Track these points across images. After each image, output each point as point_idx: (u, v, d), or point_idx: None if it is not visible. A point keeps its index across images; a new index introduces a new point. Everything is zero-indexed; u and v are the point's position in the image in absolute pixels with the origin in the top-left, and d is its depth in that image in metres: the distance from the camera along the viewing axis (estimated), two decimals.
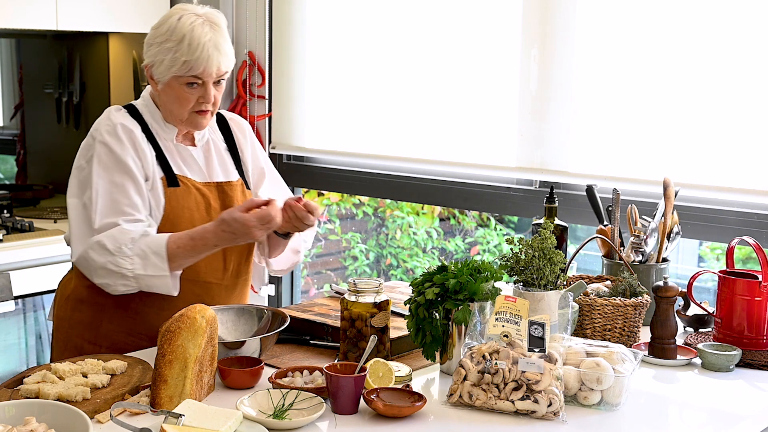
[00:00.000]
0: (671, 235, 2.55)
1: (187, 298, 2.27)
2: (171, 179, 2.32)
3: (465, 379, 1.90)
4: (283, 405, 1.84)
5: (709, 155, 3.01)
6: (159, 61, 2.26)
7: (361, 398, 1.87)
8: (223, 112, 2.51)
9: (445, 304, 2.05)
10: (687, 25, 3.02)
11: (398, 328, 2.27)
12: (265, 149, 4.17)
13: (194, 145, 2.40)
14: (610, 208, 2.63)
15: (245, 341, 2.08)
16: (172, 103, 2.30)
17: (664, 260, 2.54)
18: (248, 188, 2.46)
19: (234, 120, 2.51)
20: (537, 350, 1.90)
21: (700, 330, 2.49)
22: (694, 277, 2.40)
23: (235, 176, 2.44)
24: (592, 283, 2.50)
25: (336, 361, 1.99)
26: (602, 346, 2.00)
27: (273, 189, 2.53)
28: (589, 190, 2.72)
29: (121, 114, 2.32)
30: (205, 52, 2.22)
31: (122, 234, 2.19)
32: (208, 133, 2.43)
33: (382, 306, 2.10)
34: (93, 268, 2.21)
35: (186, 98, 2.28)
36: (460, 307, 2.03)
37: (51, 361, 2.40)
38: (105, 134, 2.27)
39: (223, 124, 2.48)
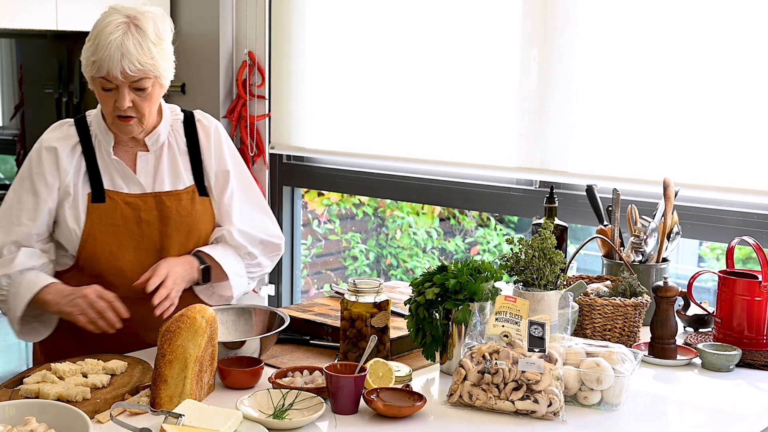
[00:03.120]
0: (671, 235, 2.55)
1: (134, 317, 2.20)
2: (97, 195, 2.26)
3: (465, 379, 1.90)
4: (283, 405, 1.84)
5: (709, 155, 3.01)
6: (81, 60, 2.21)
7: (361, 398, 1.87)
8: (197, 112, 2.43)
9: (445, 304, 2.05)
10: (687, 26, 3.02)
11: (398, 328, 2.27)
12: (264, 149, 4.17)
13: (147, 150, 2.31)
14: (610, 208, 2.63)
15: (245, 341, 2.08)
16: (100, 104, 2.26)
17: (664, 260, 2.54)
18: (204, 194, 2.35)
19: (201, 121, 2.41)
20: (537, 350, 1.90)
21: (700, 330, 2.49)
22: (694, 277, 2.40)
23: (185, 183, 2.34)
24: (592, 283, 2.50)
25: (336, 361, 1.99)
26: (602, 346, 2.00)
27: (239, 197, 2.41)
28: (589, 190, 2.72)
29: (59, 130, 2.30)
30: (107, 52, 2.13)
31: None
32: (165, 136, 2.33)
33: (382, 306, 2.10)
34: None
35: (104, 100, 2.22)
36: (460, 307, 2.03)
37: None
38: (32, 151, 2.30)
39: (189, 125, 2.39)
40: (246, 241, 2.38)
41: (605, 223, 2.67)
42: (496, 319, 1.98)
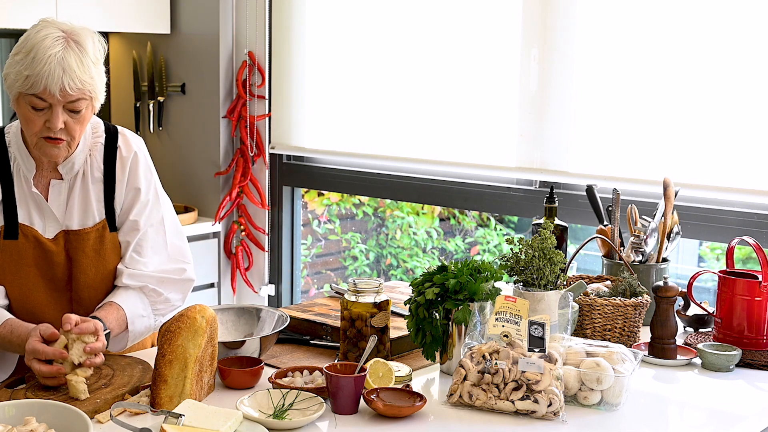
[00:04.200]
0: (671, 235, 2.55)
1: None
2: (11, 230, 2.10)
3: (465, 379, 1.90)
4: (283, 405, 1.84)
5: (709, 155, 3.01)
6: (7, 75, 2.02)
7: (361, 398, 1.87)
8: (121, 134, 2.23)
9: (445, 304, 2.05)
10: (687, 26, 3.02)
11: (398, 328, 2.27)
12: (264, 149, 4.17)
13: (61, 178, 2.15)
14: (610, 208, 2.63)
15: (245, 341, 2.08)
16: (22, 124, 2.06)
17: (664, 260, 2.54)
18: (115, 229, 2.20)
19: (121, 149, 2.21)
20: (537, 350, 1.90)
21: (700, 330, 2.49)
22: (694, 277, 2.40)
23: (95, 219, 2.17)
24: (592, 283, 2.50)
25: (336, 361, 1.99)
26: (602, 346, 2.00)
27: (143, 235, 2.23)
28: (589, 190, 2.72)
29: None
30: (47, 68, 1.95)
31: None
32: (80, 164, 2.16)
33: (382, 306, 2.10)
34: None
35: (32, 120, 2.02)
36: (460, 307, 2.03)
37: None
38: None
39: (110, 150, 2.20)
40: (144, 281, 2.22)
41: (605, 223, 2.67)
42: (496, 319, 1.98)
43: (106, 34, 4.23)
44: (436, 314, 2.06)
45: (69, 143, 2.07)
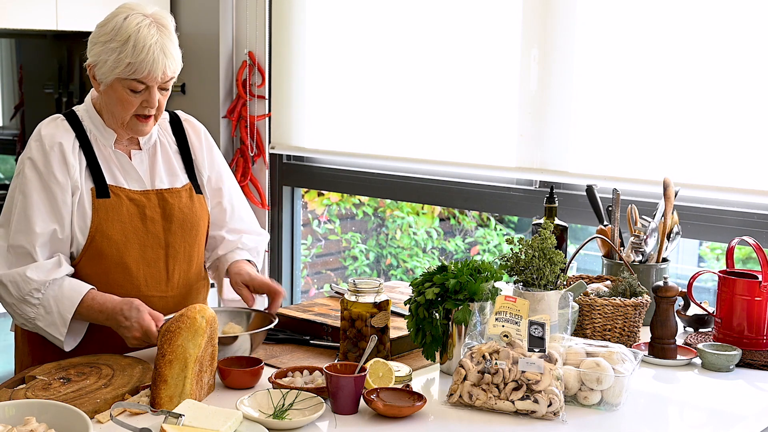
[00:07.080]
0: (671, 235, 2.55)
1: None
2: (101, 190, 2.22)
3: (465, 379, 1.90)
4: (283, 405, 1.84)
5: (709, 155, 3.01)
6: (102, 62, 2.16)
7: (361, 398, 1.87)
8: (181, 114, 2.44)
9: (445, 304, 2.05)
10: (687, 26, 3.02)
11: (398, 328, 2.27)
12: (264, 149, 4.18)
13: (139, 148, 2.30)
14: (610, 208, 2.63)
15: (237, 336, 2.09)
16: (114, 105, 2.20)
17: (664, 260, 2.54)
18: (199, 192, 2.37)
19: (189, 121, 2.44)
20: (537, 350, 1.90)
21: (700, 330, 2.49)
22: (694, 277, 2.40)
23: (181, 181, 2.35)
24: (592, 283, 2.50)
25: (336, 361, 1.99)
26: (602, 346, 2.00)
27: (237, 201, 2.50)
28: (589, 190, 2.72)
29: (54, 125, 2.24)
30: (151, 54, 2.12)
31: (26, 283, 2.13)
32: (156, 134, 2.33)
33: (382, 306, 2.10)
34: (1, 299, 2.20)
35: (129, 101, 2.18)
36: (460, 307, 2.03)
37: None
38: (33, 150, 2.22)
39: (176, 125, 2.40)
40: (255, 243, 2.49)
41: (605, 223, 2.67)
42: (496, 319, 1.98)
43: None
44: (436, 314, 2.06)
45: (156, 117, 2.25)
